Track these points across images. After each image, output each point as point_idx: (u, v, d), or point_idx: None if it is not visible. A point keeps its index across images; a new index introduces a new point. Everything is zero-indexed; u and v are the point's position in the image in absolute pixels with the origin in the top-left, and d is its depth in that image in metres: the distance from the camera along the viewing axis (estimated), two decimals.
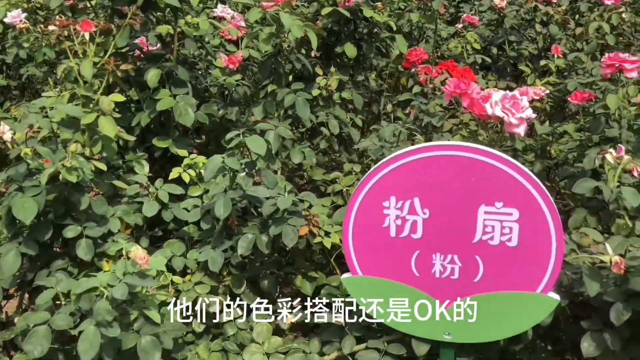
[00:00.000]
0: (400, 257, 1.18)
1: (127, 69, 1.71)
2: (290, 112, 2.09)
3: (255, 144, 1.46)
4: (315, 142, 2.18)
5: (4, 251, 1.46)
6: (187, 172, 1.93)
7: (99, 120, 1.62)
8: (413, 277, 1.18)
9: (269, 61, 2.04)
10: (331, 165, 2.37)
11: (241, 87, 2.22)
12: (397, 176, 1.14)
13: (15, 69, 2.86)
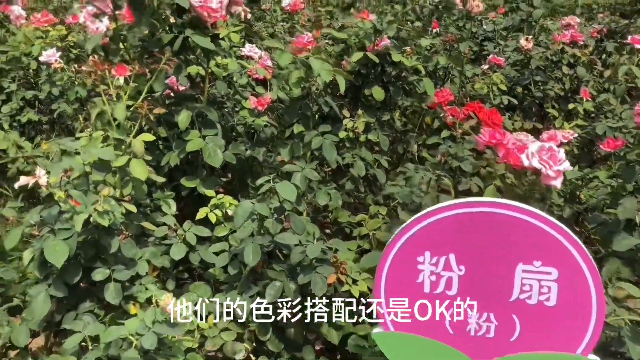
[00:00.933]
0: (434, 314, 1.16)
1: (160, 112, 1.73)
2: (316, 153, 2.10)
3: (285, 191, 1.46)
4: (341, 183, 2.17)
5: (34, 293, 1.46)
6: (214, 212, 1.93)
7: (131, 163, 1.63)
8: (447, 335, 1.15)
9: (297, 103, 2.05)
10: (356, 207, 2.36)
11: (269, 128, 2.24)
12: (431, 231, 1.13)
13: (47, 104, 2.92)
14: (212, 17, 1.95)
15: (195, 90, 2.27)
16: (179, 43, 1.89)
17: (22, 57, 3.07)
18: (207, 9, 1.91)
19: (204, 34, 1.96)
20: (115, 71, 1.68)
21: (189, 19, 2.00)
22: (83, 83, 2.41)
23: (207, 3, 1.91)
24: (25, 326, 1.53)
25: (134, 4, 1.85)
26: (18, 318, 1.60)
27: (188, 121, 1.96)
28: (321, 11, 4.40)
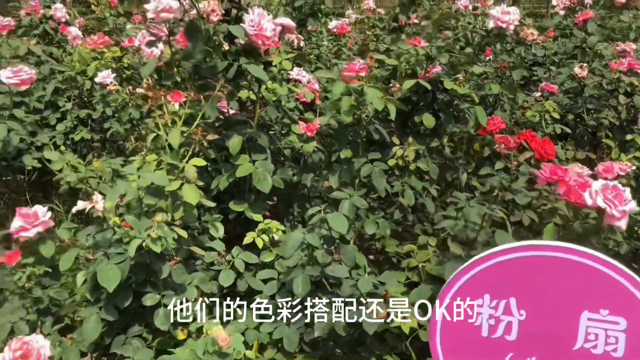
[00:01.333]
0: (491, 358, 1.11)
1: (214, 138, 1.74)
2: (364, 180, 2.08)
3: (337, 222, 1.44)
4: (389, 211, 2.14)
5: (86, 316, 1.48)
6: (261, 237, 1.93)
7: (183, 188, 1.65)
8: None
9: (347, 130, 2.04)
10: (404, 236, 2.32)
11: (317, 154, 2.24)
12: (492, 274, 1.09)
13: (99, 123, 3.00)
14: (265, 44, 1.96)
15: (244, 113, 2.29)
16: (233, 71, 1.91)
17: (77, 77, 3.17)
18: (262, 37, 1.92)
19: (257, 61, 1.99)
20: (171, 97, 1.70)
21: (242, 46, 2.02)
22: (136, 105, 2.46)
23: (262, 32, 1.93)
24: (76, 347, 1.55)
25: (189, 32, 1.88)
26: (69, 338, 1.62)
27: (239, 146, 1.98)
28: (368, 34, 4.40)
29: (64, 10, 3.56)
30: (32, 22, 3.48)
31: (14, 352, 1.28)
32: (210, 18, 1.85)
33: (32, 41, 3.36)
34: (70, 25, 3.58)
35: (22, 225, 1.59)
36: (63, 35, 3.55)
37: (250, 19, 1.93)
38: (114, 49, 2.82)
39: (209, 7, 1.83)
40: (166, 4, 1.84)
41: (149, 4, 1.91)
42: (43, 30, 3.50)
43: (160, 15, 1.86)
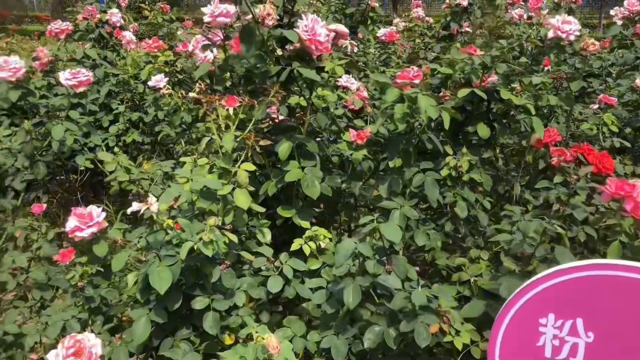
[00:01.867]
0: None
1: (267, 144, 1.74)
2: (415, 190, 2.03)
3: (391, 232, 1.41)
4: (440, 223, 2.09)
5: (136, 317, 1.49)
6: (308, 244, 1.91)
7: (235, 192, 1.65)
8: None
9: (399, 139, 2.01)
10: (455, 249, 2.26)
11: (366, 162, 2.21)
12: (558, 292, 1.04)
13: (150, 126, 3.04)
14: (318, 50, 1.95)
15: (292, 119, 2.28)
16: (285, 75, 1.90)
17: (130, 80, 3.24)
18: (315, 42, 1.91)
19: (310, 66, 1.97)
20: (225, 102, 1.70)
21: (295, 51, 2.01)
22: (188, 109, 2.49)
23: (315, 37, 1.91)
24: (125, 347, 1.56)
25: (244, 36, 1.89)
26: (118, 338, 1.63)
27: (289, 152, 1.96)
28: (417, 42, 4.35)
29: (119, 15, 3.64)
30: (89, 27, 3.57)
31: (67, 350, 1.29)
32: (266, 22, 1.85)
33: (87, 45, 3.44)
34: (124, 30, 3.66)
35: (77, 225, 1.61)
36: (117, 39, 3.63)
37: (305, 24, 1.92)
38: (167, 53, 2.86)
39: (264, 12, 1.82)
40: (223, 8, 1.85)
41: (205, 8, 1.93)
42: (99, 35, 3.59)
43: (217, 19, 1.87)
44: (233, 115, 1.73)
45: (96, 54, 3.26)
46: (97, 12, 3.61)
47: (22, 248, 2.09)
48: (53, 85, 2.87)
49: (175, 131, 2.70)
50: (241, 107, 1.74)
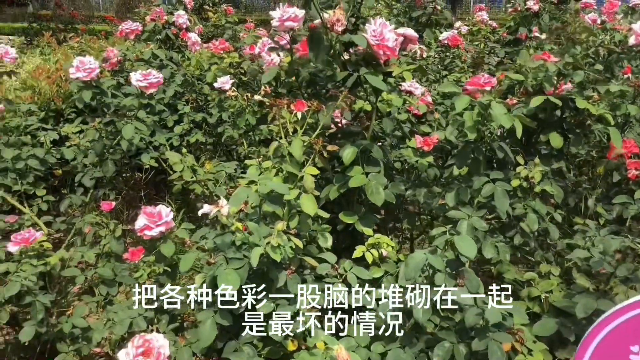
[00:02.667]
0: None
1: (334, 150, 1.72)
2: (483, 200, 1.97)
3: (465, 245, 1.36)
4: (508, 235, 2.02)
5: (202, 318, 1.50)
6: (371, 251, 1.88)
7: (301, 197, 1.63)
8: None
9: (469, 147, 1.95)
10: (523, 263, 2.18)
11: (432, 169, 2.16)
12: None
13: (213, 127, 3.08)
14: (386, 55, 1.92)
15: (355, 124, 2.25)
16: (352, 81, 1.88)
17: (195, 81, 3.29)
18: (383, 47, 1.88)
19: (377, 71, 1.94)
20: (294, 106, 1.69)
21: (362, 55, 1.99)
22: (253, 111, 2.50)
23: (384, 42, 1.88)
24: (189, 348, 1.58)
25: (312, 42, 1.87)
26: (182, 338, 1.65)
27: (353, 157, 1.94)
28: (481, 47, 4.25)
29: (185, 17, 3.71)
30: (156, 28, 3.65)
31: (137, 349, 1.30)
32: (335, 28, 1.83)
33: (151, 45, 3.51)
34: (190, 31, 3.73)
35: (146, 223, 1.64)
36: (183, 40, 3.69)
37: (373, 29, 1.89)
38: (232, 55, 2.89)
39: (334, 17, 1.81)
40: (292, 12, 1.84)
41: (274, 11, 1.93)
42: (165, 36, 3.66)
43: (285, 23, 1.86)
44: (301, 120, 1.72)
45: (164, 54, 3.32)
46: (164, 13, 3.69)
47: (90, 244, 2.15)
48: (122, 85, 2.95)
49: (239, 133, 2.72)
50: (309, 111, 1.73)
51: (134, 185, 3.09)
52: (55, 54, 4.76)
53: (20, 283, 1.72)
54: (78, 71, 2.27)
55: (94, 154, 2.45)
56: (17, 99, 3.59)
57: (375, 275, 1.82)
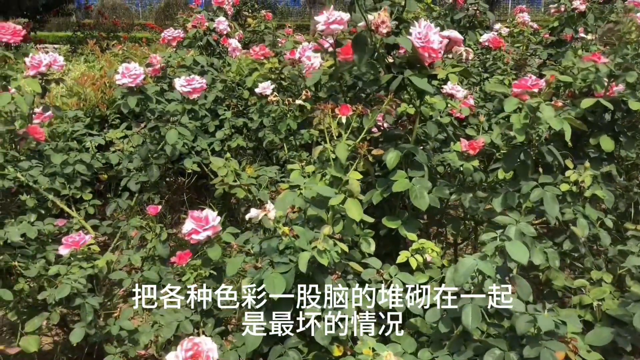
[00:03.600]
0: None
1: (379, 154, 1.71)
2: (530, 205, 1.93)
3: (517, 251, 1.33)
4: (557, 241, 1.97)
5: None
6: (415, 257, 1.87)
7: (346, 202, 1.63)
8: None
9: (517, 151, 1.90)
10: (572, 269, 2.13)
11: (477, 174, 2.12)
12: None
13: (254, 132, 3.10)
14: (431, 57, 1.90)
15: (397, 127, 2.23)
16: (396, 83, 1.86)
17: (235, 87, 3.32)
18: (429, 49, 1.86)
19: (422, 74, 1.92)
20: (339, 110, 1.69)
21: (407, 58, 1.97)
22: (294, 116, 2.50)
23: (429, 44, 1.86)
24: (235, 352, 1.58)
25: (357, 45, 1.87)
26: (227, 342, 1.65)
27: (397, 161, 1.92)
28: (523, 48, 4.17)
29: (226, 23, 3.75)
30: (197, 34, 3.71)
31: (186, 352, 1.31)
32: (379, 30, 1.82)
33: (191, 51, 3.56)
34: (230, 37, 3.77)
35: (194, 228, 1.66)
36: (224, 47, 3.74)
37: (418, 31, 1.88)
38: (273, 60, 2.90)
39: (379, 19, 1.80)
40: (337, 16, 1.84)
41: (319, 16, 1.93)
42: (206, 42, 3.71)
43: (331, 26, 1.86)
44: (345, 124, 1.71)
45: (205, 60, 3.36)
46: (205, 20, 3.74)
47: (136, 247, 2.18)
48: (164, 91, 2.99)
49: (279, 137, 2.73)
50: (353, 115, 1.72)
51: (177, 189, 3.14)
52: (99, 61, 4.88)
53: (71, 286, 1.76)
54: (124, 77, 2.31)
55: (139, 158, 2.49)
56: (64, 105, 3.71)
57: (420, 280, 1.80)
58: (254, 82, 2.89)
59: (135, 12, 22.99)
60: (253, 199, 2.20)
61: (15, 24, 2.23)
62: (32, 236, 2.04)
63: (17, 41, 2.20)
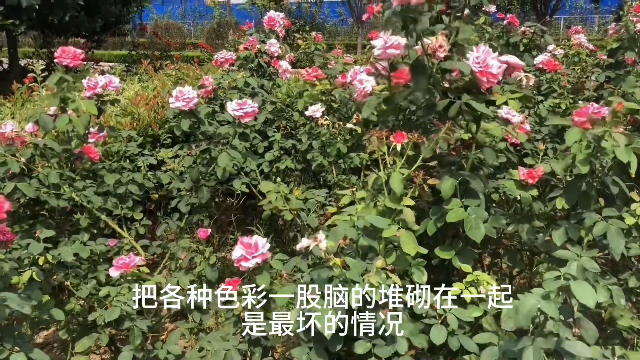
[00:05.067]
0: None
1: (435, 183, 1.65)
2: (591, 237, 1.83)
3: (584, 293, 1.25)
4: (622, 277, 1.86)
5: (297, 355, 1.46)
6: (469, 289, 1.79)
7: (401, 235, 1.57)
8: None
9: (579, 181, 1.81)
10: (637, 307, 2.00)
11: (536, 204, 2.04)
12: None
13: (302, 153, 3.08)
14: (489, 82, 1.84)
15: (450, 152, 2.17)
16: (455, 109, 1.80)
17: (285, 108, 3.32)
18: (487, 74, 1.80)
19: (479, 99, 1.86)
20: (394, 138, 1.65)
21: (464, 83, 1.92)
22: (344, 139, 2.47)
23: (487, 69, 1.81)
24: None
25: (415, 69, 1.83)
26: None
27: (452, 190, 1.86)
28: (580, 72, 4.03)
29: (277, 45, 3.78)
30: (249, 56, 3.74)
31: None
32: (437, 54, 1.77)
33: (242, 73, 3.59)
34: (281, 59, 3.78)
35: (243, 254, 1.63)
36: (274, 68, 3.76)
37: (476, 55, 1.83)
38: (324, 82, 2.89)
39: (436, 44, 1.75)
40: (395, 40, 1.81)
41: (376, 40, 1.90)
42: (257, 64, 3.74)
43: (388, 51, 1.83)
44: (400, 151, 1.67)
45: (256, 82, 3.39)
46: (257, 42, 3.77)
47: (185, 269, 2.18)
48: (215, 112, 3.02)
49: (328, 160, 2.70)
50: (409, 143, 1.67)
51: (225, 210, 3.15)
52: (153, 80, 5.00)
53: (120, 308, 1.77)
54: (177, 100, 2.34)
55: (190, 180, 2.51)
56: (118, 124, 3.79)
57: (474, 314, 1.73)
58: (304, 105, 2.88)
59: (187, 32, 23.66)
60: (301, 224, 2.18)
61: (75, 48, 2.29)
62: (84, 256, 2.07)
63: (76, 64, 2.26)
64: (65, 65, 2.32)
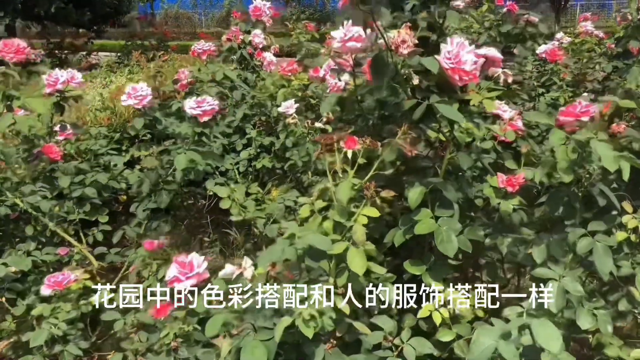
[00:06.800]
0: None
1: (389, 196, 1.46)
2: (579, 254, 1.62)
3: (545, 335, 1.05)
4: (612, 299, 1.65)
5: None
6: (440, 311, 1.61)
7: (349, 254, 1.38)
8: None
9: (562, 191, 1.61)
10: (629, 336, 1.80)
11: (517, 214, 1.83)
12: None
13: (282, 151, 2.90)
14: (463, 80, 1.63)
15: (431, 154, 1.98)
16: (420, 111, 1.60)
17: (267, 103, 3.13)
18: (460, 71, 1.59)
19: (452, 99, 1.65)
20: (344, 143, 1.45)
21: (435, 81, 1.71)
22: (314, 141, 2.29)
23: (459, 65, 1.60)
24: None
25: (374, 65, 1.63)
26: None
27: (421, 199, 1.66)
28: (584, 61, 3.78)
29: (262, 36, 3.58)
30: (232, 48, 3.55)
31: None
32: (400, 50, 1.57)
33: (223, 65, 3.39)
34: (266, 50, 3.59)
35: (176, 275, 1.46)
36: (259, 60, 3.56)
37: (447, 50, 1.61)
38: (301, 76, 2.70)
39: (399, 38, 1.55)
40: (355, 32, 1.61)
41: (335, 31, 1.70)
42: (240, 56, 3.55)
43: (347, 44, 1.63)
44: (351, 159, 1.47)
45: (236, 75, 3.20)
46: (240, 33, 3.58)
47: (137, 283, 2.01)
48: None
49: (303, 160, 2.51)
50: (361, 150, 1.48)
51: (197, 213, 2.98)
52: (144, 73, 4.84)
53: (49, 331, 1.60)
54: (129, 98, 2.16)
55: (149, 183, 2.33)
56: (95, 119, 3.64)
57: (444, 338, 1.57)
58: (284, 99, 2.70)
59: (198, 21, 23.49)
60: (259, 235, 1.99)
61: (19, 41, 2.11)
62: (25, 269, 1.91)
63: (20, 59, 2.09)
64: (13, 62, 2.15)
